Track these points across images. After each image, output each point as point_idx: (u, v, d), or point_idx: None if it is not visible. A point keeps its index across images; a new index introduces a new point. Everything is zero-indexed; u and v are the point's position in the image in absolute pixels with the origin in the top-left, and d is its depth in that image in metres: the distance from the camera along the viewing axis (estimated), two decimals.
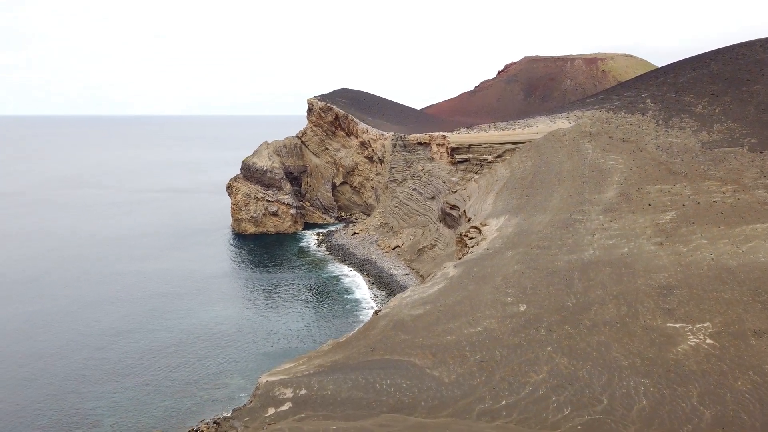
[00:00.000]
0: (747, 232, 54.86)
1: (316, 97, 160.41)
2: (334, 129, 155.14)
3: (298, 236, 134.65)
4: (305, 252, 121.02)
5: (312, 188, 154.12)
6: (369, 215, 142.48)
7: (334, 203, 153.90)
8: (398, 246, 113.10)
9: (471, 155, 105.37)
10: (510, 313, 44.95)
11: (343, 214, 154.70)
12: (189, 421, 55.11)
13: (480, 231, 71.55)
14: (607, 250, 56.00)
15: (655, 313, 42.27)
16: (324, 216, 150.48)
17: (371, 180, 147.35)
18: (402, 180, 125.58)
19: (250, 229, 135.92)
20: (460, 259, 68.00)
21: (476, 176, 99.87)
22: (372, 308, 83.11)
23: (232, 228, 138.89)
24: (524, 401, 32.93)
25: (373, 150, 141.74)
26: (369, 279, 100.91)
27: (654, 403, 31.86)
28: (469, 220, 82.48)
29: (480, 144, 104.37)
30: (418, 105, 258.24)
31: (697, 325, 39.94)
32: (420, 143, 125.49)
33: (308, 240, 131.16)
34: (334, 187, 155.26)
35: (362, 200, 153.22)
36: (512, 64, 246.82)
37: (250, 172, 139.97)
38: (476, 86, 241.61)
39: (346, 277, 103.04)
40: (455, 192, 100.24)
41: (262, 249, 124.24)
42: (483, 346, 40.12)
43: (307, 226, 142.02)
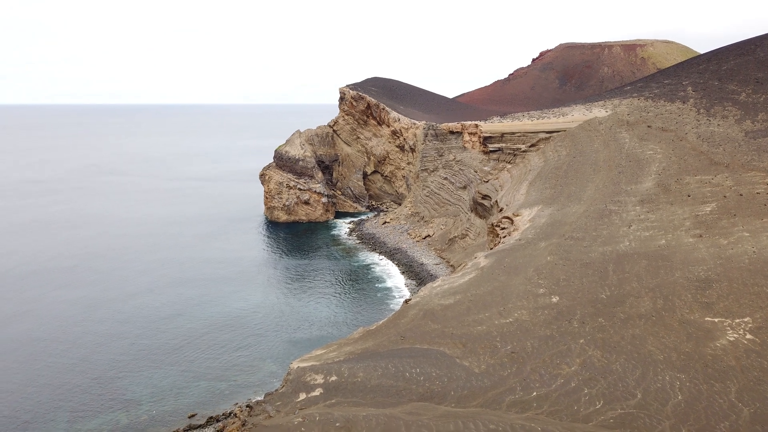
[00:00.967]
0: None
1: (348, 85, 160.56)
2: (365, 118, 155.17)
3: (329, 225, 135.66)
4: (336, 240, 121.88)
5: (343, 177, 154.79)
6: (400, 204, 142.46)
7: (365, 192, 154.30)
8: (429, 235, 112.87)
9: (504, 144, 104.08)
10: (542, 305, 44.48)
11: (374, 203, 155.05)
12: (223, 404, 56.52)
13: (512, 221, 70.80)
14: (643, 241, 54.75)
15: (692, 307, 41.22)
16: (355, 205, 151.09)
17: (402, 169, 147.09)
18: (433, 169, 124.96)
19: (283, 217, 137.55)
20: (491, 249, 67.49)
21: (509, 166, 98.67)
22: (402, 297, 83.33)
23: (265, 216, 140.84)
24: (555, 393, 32.62)
25: (404, 139, 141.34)
26: (399, 268, 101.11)
27: (690, 399, 31.17)
28: (501, 210, 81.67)
29: (513, 133, 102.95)
30: (450, 94, 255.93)
31: (737, 320, 38.79)
32: (452, 132, 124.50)
33: (339, 228, 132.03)
34: (365, 176, 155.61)
35: (393, 189, 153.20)
36: (547, 51, 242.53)
37: (282, 160, 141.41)
38: (510, 74, 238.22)
39: (376, 265, 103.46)
40: (487, 182, 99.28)
41: (294, 237, 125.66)
42: (514, 337, 39.84)
43: (339, 215, 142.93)
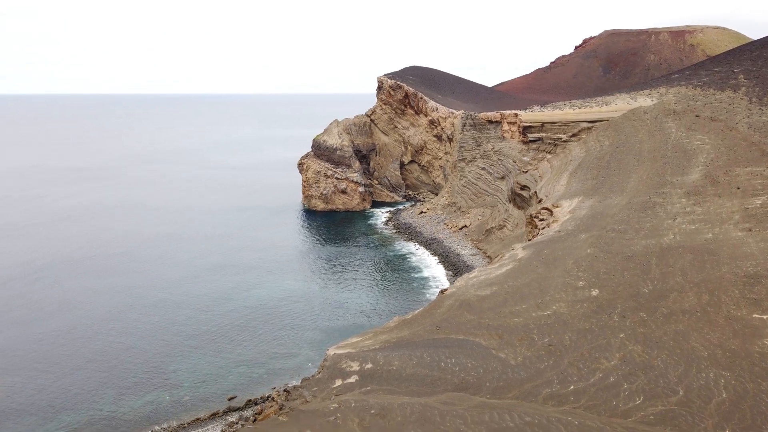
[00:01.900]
0: None
1: (386, 74, 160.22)
2: (403, 107, 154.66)
3: (366, 214, 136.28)
4: (373, 229, 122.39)
5: (380, 166, 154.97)
6: (437, 194, 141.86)
7: (402, 182, 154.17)
8: (466, 226, 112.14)
9: (544, 134, 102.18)
10: (581, 298, 43.73)
11: (410, 192, 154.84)
12: (261, 388, 57.83)
13: (551, 212, 69.65)
14: (689, 235, 53.08)
15: (739, 303, 39.82)
16: (392, 194, 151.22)
17: (440, 159, 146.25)
18: (471, 159, 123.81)
19: (320, 205, 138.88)
20: (529, 240, 66.62)
21: (549, 156, 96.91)
22: (438, 287, 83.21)
23: (303, 204, 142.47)
24: (594, 387, 32.12)
25: (442, 128, 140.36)
26: (435, 258, 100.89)
27: (735, 398, 30.21)
28: (540, 201, 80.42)
29: (554, 122, 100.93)
30: (489, 82, 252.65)
31: None
32: (490, 122, 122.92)
33: (376, 218, 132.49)
34: (402, 165, 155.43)
35: (430, 179, 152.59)
36: (591, 38, 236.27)
37: (320, 149, 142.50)
38: (551, 62, 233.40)
39: (412, 255, 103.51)
40: (526, 172, 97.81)
41: (331, 226, 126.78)
42: (551, 330, 39.34)
43: (375, 204, 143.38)
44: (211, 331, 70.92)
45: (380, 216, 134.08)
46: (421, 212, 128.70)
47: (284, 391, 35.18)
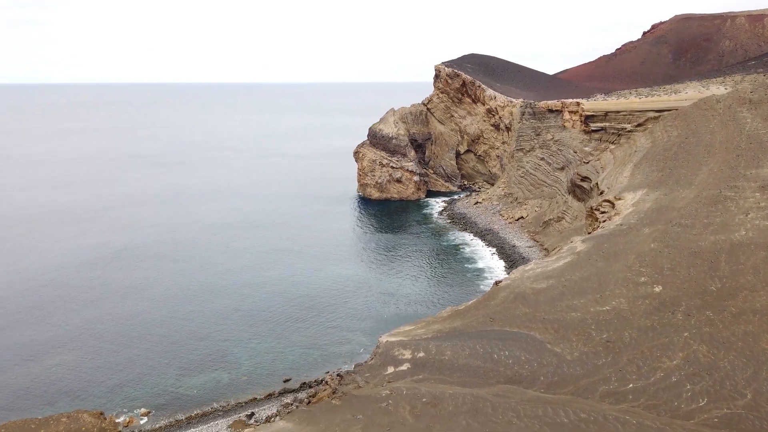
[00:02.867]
0: None
1: (443, 63, 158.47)
2: (460, 96, 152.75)
3: (420, 203, 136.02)
4: (427, 219, 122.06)
5: (436, 156, 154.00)
6: (493, 185, 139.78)
7: (458, 171, 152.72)
8: (522, 217, 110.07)
9: (607, 124, 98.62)
10: (643, 294, 42.17)
11: (466, 182, 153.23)
12: (315, 371, 59.15)
13: (613, 205, 67.35)
14: (762, 231, 50.11)
15: None
16: (447, 184, 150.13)
17: (496, 149, 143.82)
18: (529, 149, 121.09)
19: (375, 194, 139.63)
20: (589, 233, 64.72)
21: (612, 146, 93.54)
22: (492, 279, 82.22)
23: (358, 193, 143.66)
24: (654, 387, 31.00)
25: (499, 117, 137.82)
26: (490, 249, 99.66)
27: None
28: (601, 192, 77.86)
29: (618, 112, 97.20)
30: (551, 70, 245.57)
31: None
32: (551, 110, 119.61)
33: (431, 207, 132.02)
34: (458, 155, 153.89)
35: (486, 169, 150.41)
36: (661, 23, 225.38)
37: (376, 138, 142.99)
38: (617, 49, 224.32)
39: (466, 246, 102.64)
40: (587, 163, 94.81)
41: (386, 214, 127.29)
42: (610, 326, 38.18)
43: (430, 194, 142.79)
44: (268, 315, 73.00)
45: (435, 205, 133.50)
46: (477, 202, 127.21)
47: (337, 375, 35.82)
